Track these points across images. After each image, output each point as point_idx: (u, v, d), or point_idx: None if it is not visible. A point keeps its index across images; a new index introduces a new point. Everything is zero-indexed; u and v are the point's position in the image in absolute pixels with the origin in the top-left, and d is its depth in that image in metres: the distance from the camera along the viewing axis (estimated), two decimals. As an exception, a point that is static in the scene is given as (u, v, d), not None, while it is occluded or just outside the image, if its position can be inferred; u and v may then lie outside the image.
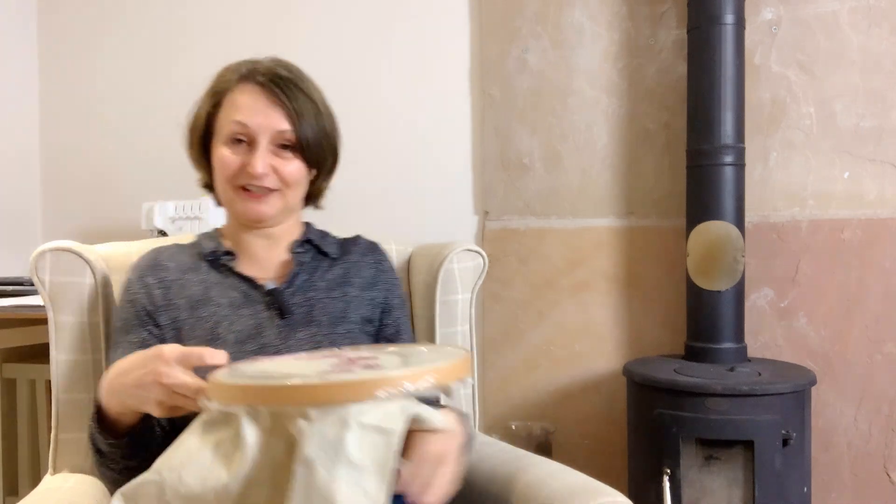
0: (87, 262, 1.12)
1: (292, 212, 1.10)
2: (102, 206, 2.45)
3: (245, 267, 1.07)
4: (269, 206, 1.03)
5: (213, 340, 0.98)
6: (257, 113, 1.00)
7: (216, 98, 1.04)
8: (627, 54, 2.04)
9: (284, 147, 1.02)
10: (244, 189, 1.02)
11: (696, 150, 1.80)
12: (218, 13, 2.34)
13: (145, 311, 1.01)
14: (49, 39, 2.49)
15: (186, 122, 1.09)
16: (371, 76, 2.22)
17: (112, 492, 0.87)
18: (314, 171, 1.08)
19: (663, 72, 2.01)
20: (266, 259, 1.09)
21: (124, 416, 0.86)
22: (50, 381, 1.24)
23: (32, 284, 1.12)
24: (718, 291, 1.77)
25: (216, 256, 1.06)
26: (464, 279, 1.35)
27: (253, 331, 1.00)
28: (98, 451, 0.90)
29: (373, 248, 1.17)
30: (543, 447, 2.04)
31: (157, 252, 1.08)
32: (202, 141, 1.07)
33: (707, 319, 1.78)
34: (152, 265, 1.05)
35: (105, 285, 1.14)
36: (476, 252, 1.36)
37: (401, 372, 0.67)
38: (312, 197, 1.15)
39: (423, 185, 2.20)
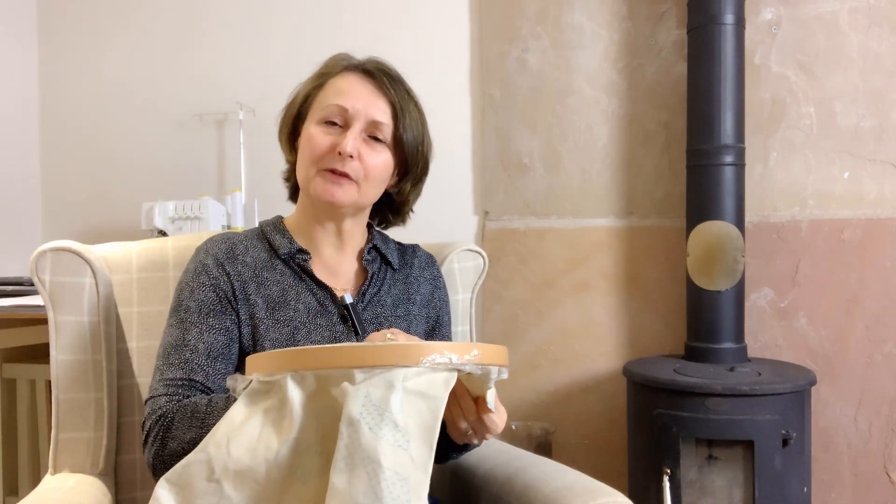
0: (87, 262, 1.12)
1: (362, 211, 1.08)
2: (102, 206, 2.45)
3: (319, 271, 1.06)
4: (344, 193, 1.00)
5: (291, 346, 0.98)
6: (359, 99, 1.00)
7: (320, 80, 1.04)
8: (627, 54, 2.04)
9: (377, 140, 1.01)
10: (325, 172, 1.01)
11: (696, 150, 1.80)
12: (216, 13, 2.35)
13: (227, 298, 0.99)
14: (49, 39, 2.49)
15: (286, 103, 1.09)
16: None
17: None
18: (397, 176, 1.08)
19: (663, 72, 2.01)
20: (336, 265, 1.08)
21: None
22: (50, 381, 1.23)
23: (32, 284, 1.12)
24: (718, 291, 1.77)
25: (291, 255, 1.05)
26: (464, 279, 1.35)
27: (329, 343, 1.00)
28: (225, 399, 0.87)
29: (430, 263, 1.18)
30: (543, 447, 2.04)
31: (231, 243, 1.05)
32: (294, 123, 1.06)
33: (707, 319, 1.78)
34: (229, 256, 1.02)
35: (105, 285, 1.14)
36: (476, 252, 1.36)
37: (447, 343, 0.69)
38: (397, 209, 1.14)
39: (423, 185, 2.18)
